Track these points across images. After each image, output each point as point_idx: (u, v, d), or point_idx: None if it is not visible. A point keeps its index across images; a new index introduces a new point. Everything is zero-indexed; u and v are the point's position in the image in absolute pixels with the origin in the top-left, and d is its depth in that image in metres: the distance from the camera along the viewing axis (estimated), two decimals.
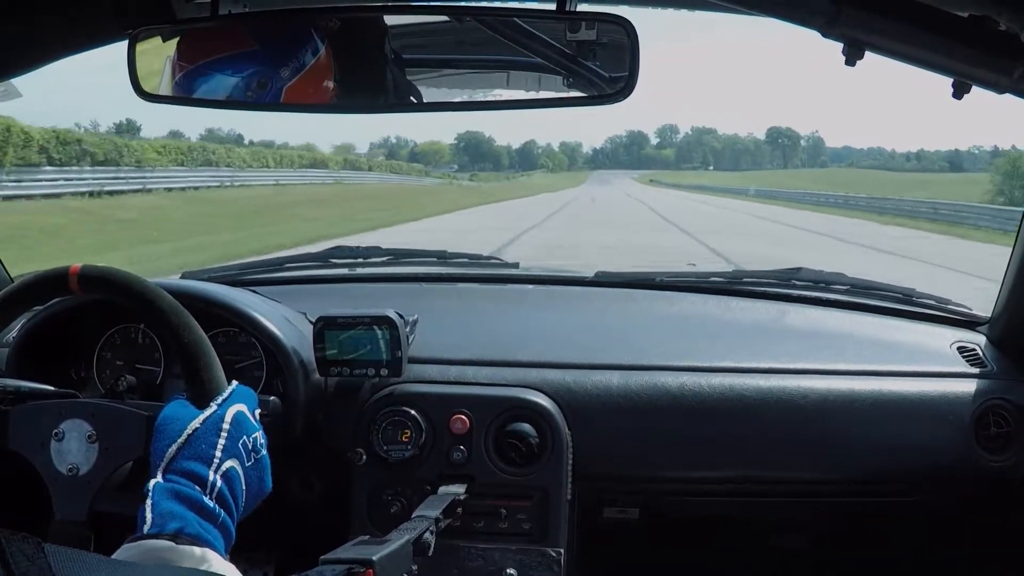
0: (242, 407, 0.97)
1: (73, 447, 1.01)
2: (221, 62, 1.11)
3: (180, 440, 0.91)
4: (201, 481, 0.89)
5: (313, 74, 1.11)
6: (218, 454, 0.91)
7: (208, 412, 0.94)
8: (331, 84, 1.12)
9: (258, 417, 0.99)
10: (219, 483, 0.90)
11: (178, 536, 0.84)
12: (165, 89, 1.14)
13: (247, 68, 1.11)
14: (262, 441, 0.97)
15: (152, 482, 0.89)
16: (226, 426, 0.94)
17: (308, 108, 1.14)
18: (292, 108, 1.14)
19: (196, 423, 0.93)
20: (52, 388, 1.13)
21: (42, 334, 1.45)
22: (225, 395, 0.97)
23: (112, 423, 1.01)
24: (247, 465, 0.94)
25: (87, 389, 1.48)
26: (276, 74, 1.10)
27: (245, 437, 0.94)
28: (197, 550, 0.84)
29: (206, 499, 0.88)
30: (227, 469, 0.91)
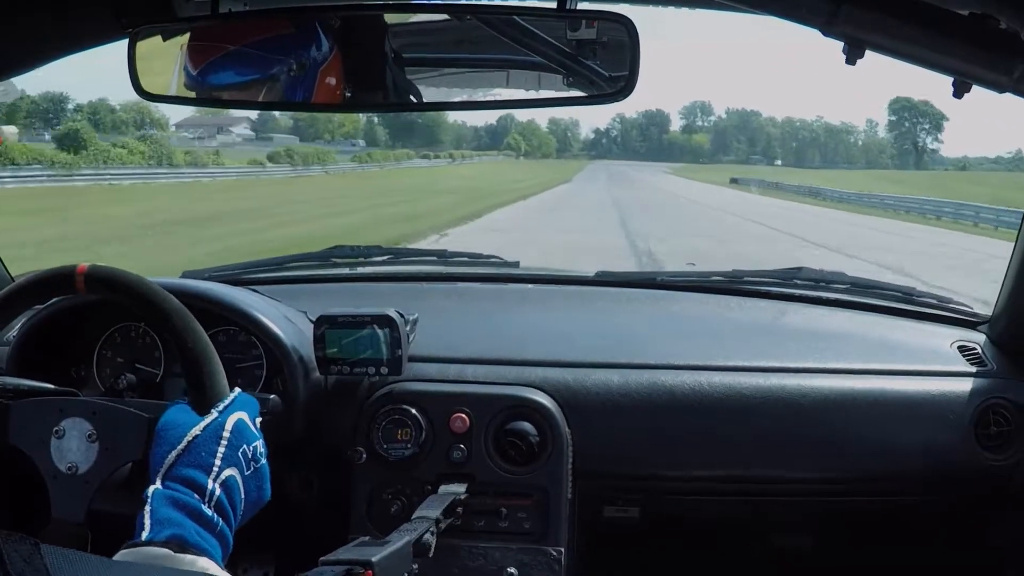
0: (243, 415, 0.97)
1: (73, 445, 1.01)
2: (228, 60, 1.11)
3: (180, 447, 0.91)
4: (200, 489, 0.89)
5: (321, 73, 1.11)
6: (217, 462, 0.91)
7: (209, 419, 0.94)
8: (335, 82, 1.12)
9: (259, 425, 0.99)
10: (218, 492, 0.90)
11: (176, 544, 0.84)
12: (173, 88, 1.14)
13: (255, 66, 1.11)
14: (262, 450, 0.97)
15: (151, 488, 0.89)
16: (226, 434, 0.94)
17: (310, 107, 1.15)
18: (294, 107, 1.15)
19: (196, 430, 0.93)
20: (52, 386, 1.13)
21: (43, 332, 1.45)
22: (227, 402, 0.97)
23: (113, 423, 1.01)
24: (246, 474, 0.94)
25: (87, 387, 1.48)
26: (285, 72, 1.11)
27: (245, 446, 0.95)
28: (194, 559, 0.84)
29: (204, 507, 0.88)
30: (226, 478, 0.91)
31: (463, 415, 1.43)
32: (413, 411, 1.43)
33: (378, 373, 1.43)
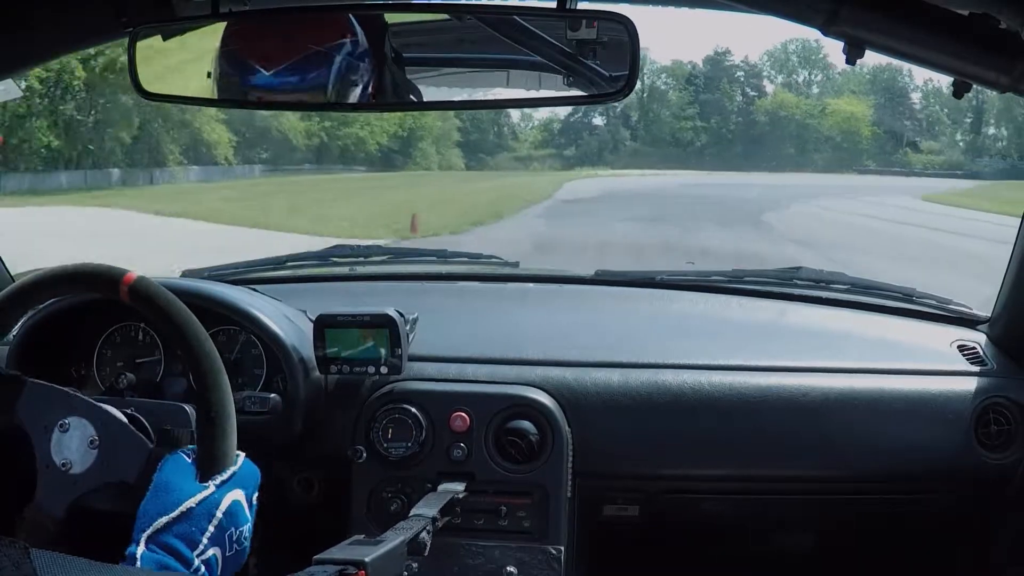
0: (240, 495, 0.97)
1: (73, 444, 1.01)
2: (232, 60, 1.11)
3: (173, 514, 0.92)
4: (185, 562, 0.91)
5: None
6: (204, 541, 0.93)
7: (206, 493, 0.95)
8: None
9: (255, 501, 1.00)
10: (201, 569, 0.92)
11: None
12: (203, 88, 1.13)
13: (256, 67, 1.11)
14: (247, 535, 0.98)
15: (139, 551, 0.90)
16: (219, 514, 0.94)
17: (310, 107, 1.15)
18: (295, 107, 1.15)
19: (192, 502, 0.94)
20: (52, 385, 1.13)
21: (43, 331, 1.45)
22: (226, 476, 0.97)
23: (118, 441, 1.01)
24: (227, 555, 0.95)
25: (87, 386, 1.48)
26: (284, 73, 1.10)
27: (234, 529, 0.96)
28: None
29: None
30: (209, 556, 0.93)
31: (463, 414, 1.43)
32: (413, 410, 1.43)
33: (378, 372, 1.43)
